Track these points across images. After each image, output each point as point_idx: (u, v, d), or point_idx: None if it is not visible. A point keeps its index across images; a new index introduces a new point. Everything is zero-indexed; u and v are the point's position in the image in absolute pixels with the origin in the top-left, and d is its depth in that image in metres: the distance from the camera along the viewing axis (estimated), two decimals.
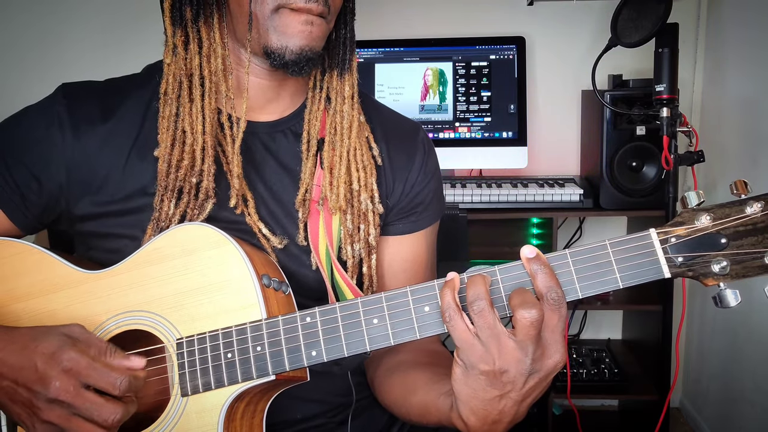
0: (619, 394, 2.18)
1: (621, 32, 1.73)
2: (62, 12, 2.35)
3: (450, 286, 0.71)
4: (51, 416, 0.74)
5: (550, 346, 0.70)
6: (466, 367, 0.71)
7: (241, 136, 0.88)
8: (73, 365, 0.73)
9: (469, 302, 0.69)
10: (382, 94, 2.16)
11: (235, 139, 0.88)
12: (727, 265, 0.68)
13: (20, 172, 0.87)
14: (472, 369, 0.70)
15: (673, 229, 0.70)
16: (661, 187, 1.87)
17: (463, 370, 0.71)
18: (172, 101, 0.87)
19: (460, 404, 0.73)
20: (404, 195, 0.99)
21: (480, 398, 0.71)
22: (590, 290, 0.71)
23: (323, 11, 0.84)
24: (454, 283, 0.71)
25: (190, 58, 0.87)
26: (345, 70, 0.94)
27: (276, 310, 0.81)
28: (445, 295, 0.70)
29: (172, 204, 0.86)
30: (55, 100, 0.88)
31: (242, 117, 0.88)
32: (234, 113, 0.89)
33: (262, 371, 0.78)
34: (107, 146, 0.88)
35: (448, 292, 0.70)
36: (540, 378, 0.71)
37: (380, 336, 0.75)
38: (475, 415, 0.73)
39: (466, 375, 0.71)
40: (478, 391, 0.71)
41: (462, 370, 0.71)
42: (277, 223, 0.92)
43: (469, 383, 0.71)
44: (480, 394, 0.71)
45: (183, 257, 0.82)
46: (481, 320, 0.69)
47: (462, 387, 0.72)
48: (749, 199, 0.68)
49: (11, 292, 0.86)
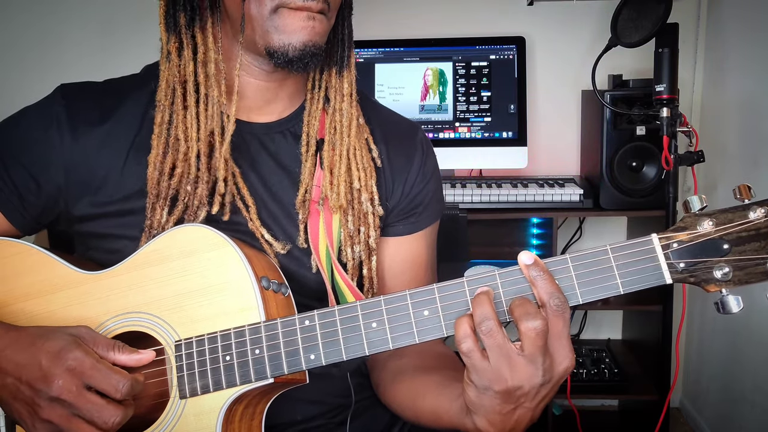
0: (619, 394, 2.18)
1: (621, 32, 1.72)
2: (62, 12, 2.35)
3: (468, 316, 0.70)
4: (51, 415, 0.74)
5: (558, 352, 0.69)
6: (479, 389, 0.71)
7: (228, 139, 0.87)
8: (77, 365, 0.74)
9: (476, 323, 0.69)
10: (382, 94, 2.16)
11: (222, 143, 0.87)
12: (729, 272, 0.67)
13: (18, 173, 0.87)
14: (486, 390, 0.70)
15: (675, 235, 0.69)
16: (661, 187, 1.87)
17: (476, 392, 0.71)
18: (165, 108, 0.87)
19: (476, 418, 0.73)
20: (404, 196, 0.99)
21: (497, 412, 0.71)
22: (591, 296, 0.71)
23: (323, 8, 0.83)
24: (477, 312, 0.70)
25: (184, 64, 0.87)
26: (344, 68, 0.94)
27: (275, 312, 0.81)
28: (462, 323, 0.70)
29: (164, 212, 0.86)
30: (54, 101, 0.88)
31: (231, 119, 0.87)
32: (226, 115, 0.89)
33: (261, 374, 0.77)
34: (106, 147, 0.88)
35: (465, 320, 0.70)
36: (552, 384, 0.71)
37: (379, 340, 0.75)
38: (493, 426, 0.73)
39: (480, 395, 0.71)
40: (495, 407, 0.71)
41: (475, 392, 0.71)
42: (278, 225, 0.92)
43: (485, 402, 0.71)
44: (497, 409, 0.71)
45: (182, 259, 0.82)
46: (491, 340, 0.68)
47: (477, 407, 0.72)
48: (752, 204, 0.67)
49: (10, 292, 0.86)
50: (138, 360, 0.79)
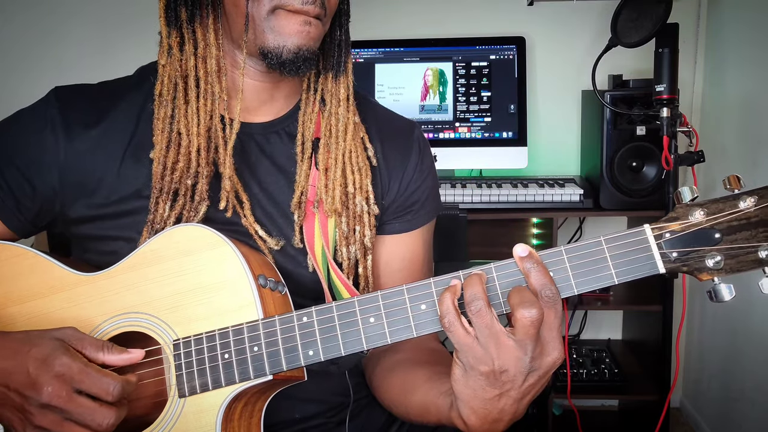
0: (619, 394, 2.18)
1: (621, 32, 1.72)
2: (62, 12, 2.35)
3: (451, 291, 0.71)
4: (43, 421, 0.73)
5: (548, 343, 0.70)
6: (466, 368, 0.71)
7: (233, 138, 0.87)
8: (65, 370, 0.73)
9: (466, 302, 0.70)
10: (382, 94, 2.16)
11: (227, 141, 0.88)
12: (721, 260, 0.68)
13: (13, 176, 0.87)
14: (471, 370, 0.71)
15: (667, 225, 0.70)
16: (661, 187, 1.87)
17: (462, 370, 0.72)
18: (167, 103, 0.87)
19: (461, 404, 0.73)
20: (400, 194, 0.99)
21: (480, 398, 0.71)
22: (586, 286, 0.71)
23: (319, 13, 0.84)
24: (456, 288, 0.71)
25: (186, 59, 0.87)
26: (340, 73, 0.94)
27: (273, 310, 0.81)
28: (444, 299, 0.71)
29: (167, 206, 0.86)
30: (48, 104, 0.88)
31: (236, 118, 0.88)
32: (227, 114, 0.89)
33: (260, 371, 0.78)
34: (100, 149, 0.88)
35: (447, 296, 0.71)
36: (539, 376, 0.71)
37: (377, 335, 0.75)
38: (476, 415, 0.73)
39: (466, 376, 0.71)
40: (477, 390, 0.71)
41: (461, 371, 0.72)
42: (273, 224, 0.92)
43: (469, 384, 0.71)
44: (480, 393, 0.71)
45: (179, 258, 0.82)
46: (479, 320, 0.69)
47: (462, 387, 0.72)
48: (742, 193, 0.68)
49: (7, 295, 0.85)
50: (128, 359, 0.78)
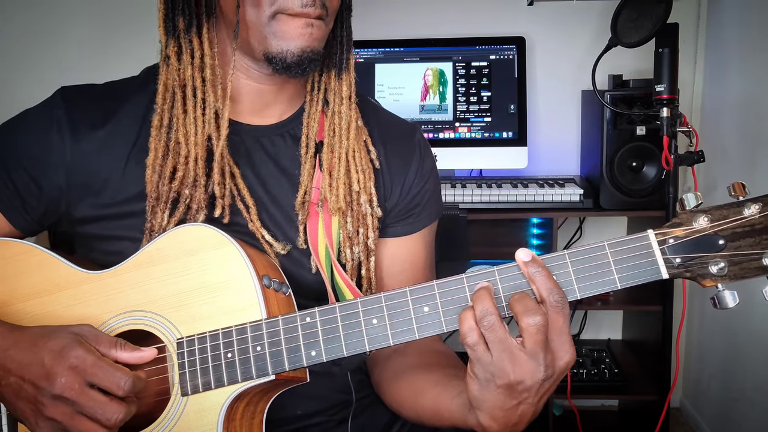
0: (619, 394, 2.18)
1: (621, 32, 1.73)
2: (62, 12, 2.35)
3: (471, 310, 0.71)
4: (55, 413, 0.74)
5: (559, 348, 0.70)
6: (482, 382, 0.72)
7: (222, 143, 0.87)
8: (79, 363, 0.74)
9: (478, 318, 0.70)
10: (382, 95, 2.16)
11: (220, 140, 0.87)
12: (724, 267, 0.68)
13: (20, 176, 0.88)
14: (488, 383, 0.71)
15: (671, 230, 0.70)
16: (661, 188, 1.87)
17: (478, 384, 0.72)
18: (164, 112, 0.87)
19: (480, 414, 0.74)
20: (402, 197, 1.00)
21: (499, 407, 0.72)
22: (589, 291, 0.71)
23: (321, 14, 0.84)
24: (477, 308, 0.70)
25: (183, 68, 0.87)
26: (343, 70, 0.94)
27: (276, 310, 0.81)
28: (466, 318, 0.70)
29: (165, 214, 0.86)
30: (54, 104, 0.88)
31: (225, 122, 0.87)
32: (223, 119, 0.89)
33: (262, 371, 0.78)
34: (106, 149, 0.88)
35: (469, 315, 0.70)
36: (554, 380, 0.72)
37: (379, 336, 0.75)
38: (497, 422, 0.73)
39: (483, 389, 0.72)
40: (497, 402, 0.72)
41: (478, 386, 0.72)
42: (278, 227, 0.92)
43: (487, 397, 0.72)
44: (499, 404, 0.72)
45: (184, 258, 0.82)
46: (492, 335, 0.69)
47: (480, 401, 0.73)
48: (747, 200, 0.68)
49: (13, 292, 0.86)
50: (140, 357, 0.79)
